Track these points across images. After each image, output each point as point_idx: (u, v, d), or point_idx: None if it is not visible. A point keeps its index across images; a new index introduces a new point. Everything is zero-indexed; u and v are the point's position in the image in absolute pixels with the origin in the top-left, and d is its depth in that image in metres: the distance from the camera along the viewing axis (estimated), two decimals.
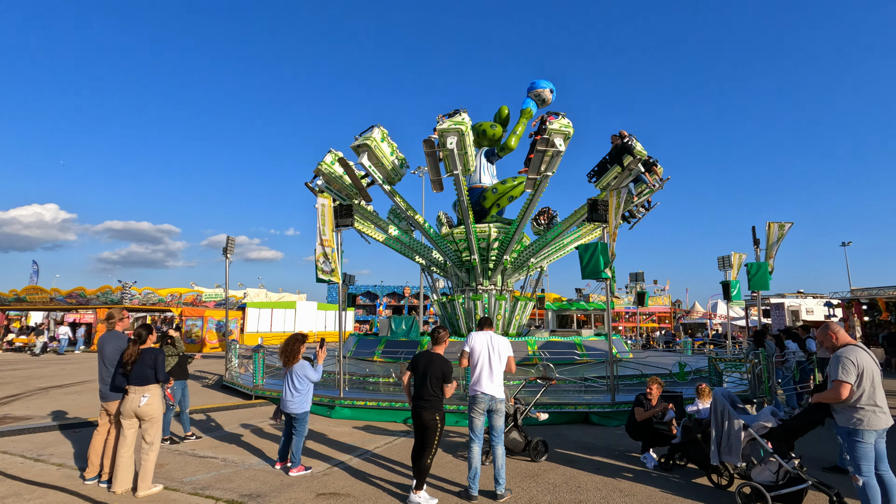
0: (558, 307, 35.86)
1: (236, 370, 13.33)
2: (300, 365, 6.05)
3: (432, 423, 4.96)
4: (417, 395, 5.07)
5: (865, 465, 4.07)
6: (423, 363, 5.13)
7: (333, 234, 9.87)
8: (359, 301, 49.46)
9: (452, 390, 5.14)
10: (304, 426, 5.96)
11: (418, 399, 5.04)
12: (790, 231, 13.59)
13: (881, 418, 4.08)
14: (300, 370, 6.04)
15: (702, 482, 5.57)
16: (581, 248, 9.70)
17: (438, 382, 5.03)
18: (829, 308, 24.78)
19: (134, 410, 5.17)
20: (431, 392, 4.99)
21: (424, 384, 5.02)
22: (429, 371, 5.03)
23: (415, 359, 5.26)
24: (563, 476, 5.79)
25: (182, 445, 7.12)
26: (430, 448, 4.95)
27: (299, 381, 6.00)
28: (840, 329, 4.46)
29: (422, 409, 4.98)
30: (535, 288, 18.22)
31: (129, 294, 28.30)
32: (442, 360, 5.12)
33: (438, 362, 5.08)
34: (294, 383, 5.99)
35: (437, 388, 5.03)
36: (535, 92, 16.18)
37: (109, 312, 5.93)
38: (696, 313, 44.31)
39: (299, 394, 5.97)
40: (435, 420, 4.97)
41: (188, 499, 5.02)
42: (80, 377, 15.12)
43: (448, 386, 5.07)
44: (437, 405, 5.02)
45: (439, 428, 5.01)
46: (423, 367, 5.09)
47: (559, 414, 8.70)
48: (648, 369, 12.18)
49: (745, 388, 10.23)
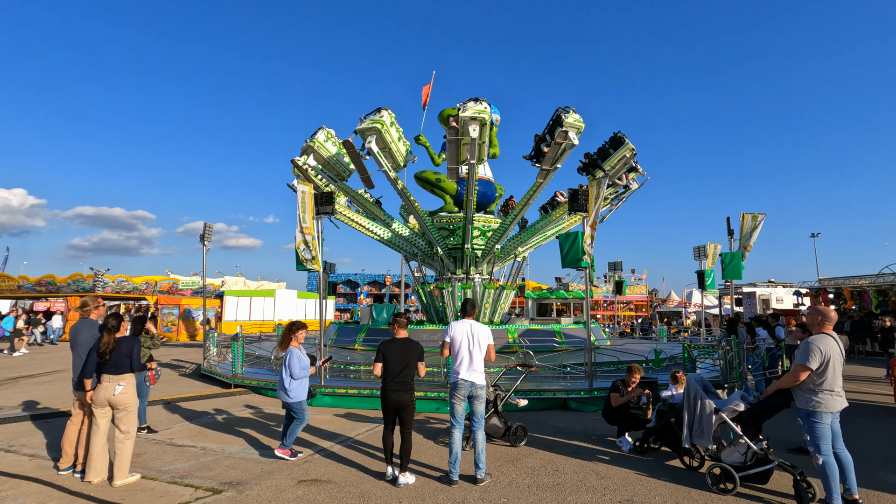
0: (538, 296, 36.28)
1: (214, 359, 13.18)
2: (289, 353, 5.99)
3: (410, 404, 5.28)
4: (395, 379, 5.22)
5: (824, 444, 4.33)
6: (397, 350, 5.29)
7: (314, 222, 9.77)
8: (339, 289, 49.18)
9: (424, 369, 5.48)
10: (302, 413, 5.95)
11: (397, 383, 5.21)
12: (764, 222, 13.99)
13: (837, 401, 4.39)
14: (287, 358, 5.97)
15: (674, 464, 5.77)
16: (561, 237, 9.82)
17: (415, 365, 5.32)
18: (798, 297, 25.66)
19: (108, 399, 5.07)
20: (409, 377, 5.27)
21: (405, 369, 5.22)
22: (405, 357, 5.26)
23: (385, 348, 5.36)
24: (542, 460, 5.92)
25: (160, 434, 7.03)
26: (410, 429, 5.27)
27: (287, 370, 5.96)
28: (829, 315, 4.57)
29: (402, 393, 5.21)
30: (517, 277, 18.39)
31: (102, 282, 27.56)
32: (413, 342, 5.41)
33: (411, 346, 5.36)
34: (284, 371, 5.97)
35: (413, 371, 5.32)
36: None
37: (84, 300, 5.79)
38: (672, 302, 45.31)
39: (290, 382, 5.91)
40: (413, 400, 5.33)
41: (167, 487, 4.98)
42: (51, 367, 14.73)
43: (421, 364, 5.41)
44: (413, 388, 5.35)
45: (414, 408, 5.38)
46: (399, 353, 5.27)
47: (538, 400, 8.86)
48: (625, 356, 12.45)
49: (717, 374, 10.57)
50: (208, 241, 14.25)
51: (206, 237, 14.23)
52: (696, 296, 39.83)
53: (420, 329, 14.89)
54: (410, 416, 5.27)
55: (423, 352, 5.48)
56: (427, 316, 17.08)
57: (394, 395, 5.21)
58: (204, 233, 14.20)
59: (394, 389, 5.21)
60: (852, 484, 4.42)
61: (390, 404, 5.25)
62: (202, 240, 14.24)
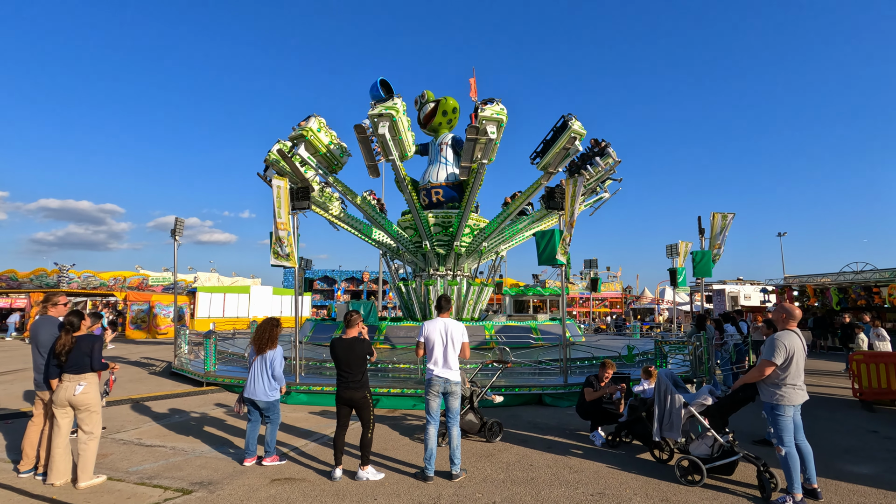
0: (515, 292, 36.63)
1: (186, 356, 12.90)
2: (273, 352, 5.77)
3: (364, 400, 5.26)
4: (344, 378, 5.25)
5: (787, 436, 4.50)
6: (343, 350, 5.30)
7: (290, 217, 9.62)
8: (316, 286, 48.47)
9: (375, 355, 5.61)
10: (276, 414, 5.78)
11: (346, 382, 5.23)
12: (733, 221, 14.41)
13: (799, 394, 4.57)
14: (270, 358, 5.74)
15: (645, 457, 5.91)
16: (538, 234, 9.91)
17: (362, 363, 5.30)
18: (764, 294, 26.53)
19: (68, 399, 4.90)
20: (359, 374, 5.26)
21: (350, 368, 5.23)
22: (351, 355, 5.26)
23: (333, 347, 5.39)
24: (517, 455, 5.99)
25: (128, 434, 6.84)
26: (369, 425, 5.25)
27: (269, 369, 5.74)
28: (793, 312, 4.74)
29: (353, 391, 5.22)
30: (494, 273, 18.50)
31: (67, 277, 26.64)
32: (359, 341, 5.39)
33: (357, 345, 5.34)
34: (261, 370, 5.71)
35: (363, 368, 5.31)
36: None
37: (46, 296, 5.57)
38: (646, 299, 46.27)
39: (267, 381, 5.70)
40: (366, 397, 5.29)
41: (134, 489, 4.85)
42: (10, 366, 14.16)
43: (371, 358, 5.47)
44: (366, 384, 5.33)
45: (371, 405, 5.34)
46: (345, 353, 5.28)
47: (514, 396, 8.95)
48: (600, 352, 12.68)
49: (687, 369, 10.86)
50: (179, 236, 13.89)
51: (178, 232, 13.87)
52: (669, 293, 40.81)
53: (397, 326, 14.85)
54: (367, 414, 5.25)
55: (370, 346, 5.50)
56: (407, 313, 17.02)
57: (345, 393, 5.25)
58: (175, 227, 13.84)
59: (345, 387, 5.24)
60: (812, 474, 4.62)
61: (342, 402, 5.29)
62: (173, 234, 13.88)
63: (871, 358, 9.12)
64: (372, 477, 5.08)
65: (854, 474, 5.28)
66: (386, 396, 8.82)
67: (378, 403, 8.80)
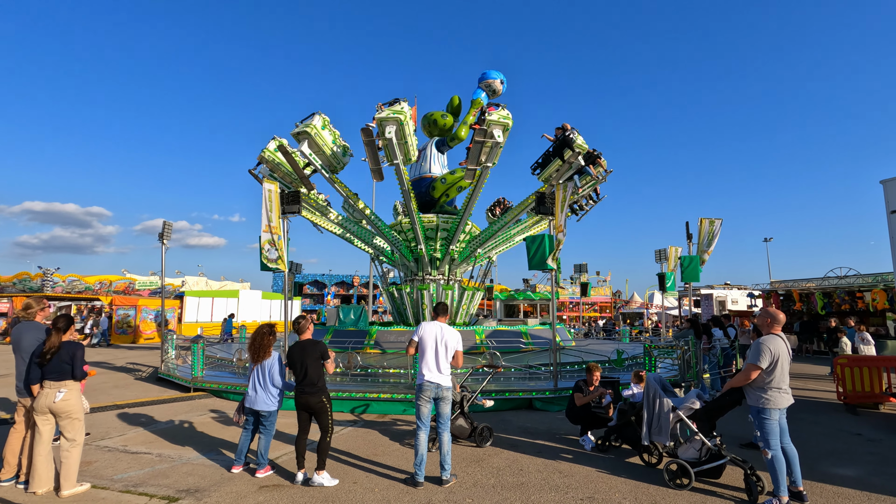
0: (506, 297, 36.70)
1: (173, 362, 12.71)
2: (271, 360, 5.62)
3: (320, 405, 5.26)
4: (301, 383, 5.26)
5: (773, 440, 4.56)
6: (297, 355, 5.31)
7: (280, 221, 9.56)
8: (306, 290, 48.14)
9: (332, 365, 5.56)
10: (272, 424, 5.65)
11: (304, 385, 5.24)
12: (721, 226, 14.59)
13: (784, 398, 4.63)
14: (269, 366, 5.59)
15: (634, 461, 5.94)
16: (528, 239, 9.97)
17: (318, 366, 5.29)
18: (751, 298, 26.87)
19: (49, 406, 4.81)
20: (315, 378, 5.25)
21: (306, 373, 5.24)
22: (306, 359, 5.26)
23: (289, 353, 5.42)
24: (507, 460, 5.98)
25: (113, 441, 6.73)
26: (328, 430, 5.26)
27: (269, 378, 5.59)
28: (777, 317, 4.80)
29: (308, 396, 5.22)
30: (484, 278, 18.52)
31: (52, 281, 26.19)
32: (313, 343, 5.39)
33: (311, 347, 5.33)
34: (263, 379, 5.58)
35: (319, 372, 5.30)
36: (486, 83, 16.30)
37: (27, 302, 5.46)
38: (635, 303, 46.63)
39: (268, 390, 5.56)
40: (323, 402, 5.27)
41: (119, 497, 4.76)
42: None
43: (328, 362, 5.42)
44: (323, 389, 5.32)
45: (329, 410, 5.33)
46: (299, 357, 5.29)
47: (504, 400, 8.95)
48: (589, 356, 12.73)
49: (675, 374, 10.94)
50: (167, 240, 13.75)
51: (166, 235, 13.73)
52: (658, 297, 41.14)
53: (388, 330, 14.79)
54: (325, 419, 5.25)
55: (325, 349, 5.44)
56: (399, 317, 16.95)
57: (301, 398, 5.25)
58: (163, 231, 13.69)
59: (301, 391, 5.25)
60: (797, 476, 4.67)
61: (300, 407, 5.30)
62: (161, 238, 13.73)
63: (854, 362, 9.26)
64: (326, 482, 5.03)
65: (839, 476, 5.35)
66: (376, 401, 8.77)
67: (368, 408, 8.76)
